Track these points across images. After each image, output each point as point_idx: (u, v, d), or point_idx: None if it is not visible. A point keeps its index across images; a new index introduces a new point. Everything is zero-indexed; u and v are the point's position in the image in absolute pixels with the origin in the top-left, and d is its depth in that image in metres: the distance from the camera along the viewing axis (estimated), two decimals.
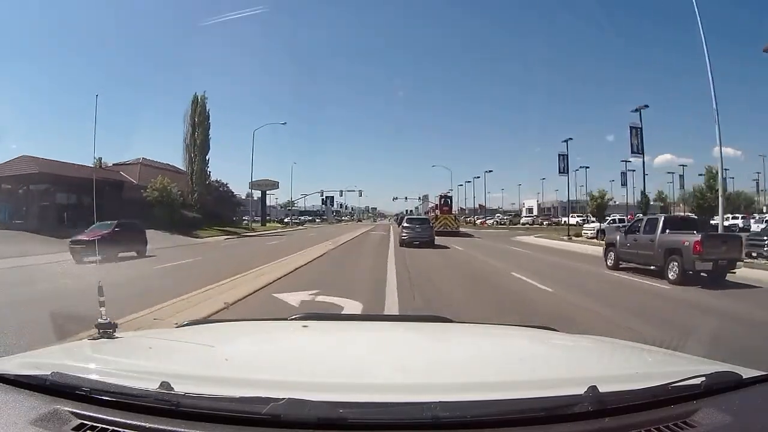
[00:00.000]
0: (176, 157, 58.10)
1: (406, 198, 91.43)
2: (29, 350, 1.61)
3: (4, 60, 57.38)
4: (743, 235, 14.42)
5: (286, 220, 76.66)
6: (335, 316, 3.09)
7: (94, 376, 1.18)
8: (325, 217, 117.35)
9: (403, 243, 21.71)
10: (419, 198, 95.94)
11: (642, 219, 13.95)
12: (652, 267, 11.69)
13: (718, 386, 1.18)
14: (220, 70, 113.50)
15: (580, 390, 1.06)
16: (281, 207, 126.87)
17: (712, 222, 18.44)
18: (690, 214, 32.94)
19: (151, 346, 1.67)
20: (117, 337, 1.63)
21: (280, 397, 1.00)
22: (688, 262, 10.24)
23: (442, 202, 42.04)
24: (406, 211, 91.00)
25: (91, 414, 1.03)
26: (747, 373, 1.29)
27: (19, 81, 71.82)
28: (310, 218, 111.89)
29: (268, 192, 63.17)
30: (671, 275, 10.58)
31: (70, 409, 1.04)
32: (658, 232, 11.71)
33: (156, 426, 0.99)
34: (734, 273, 10.66)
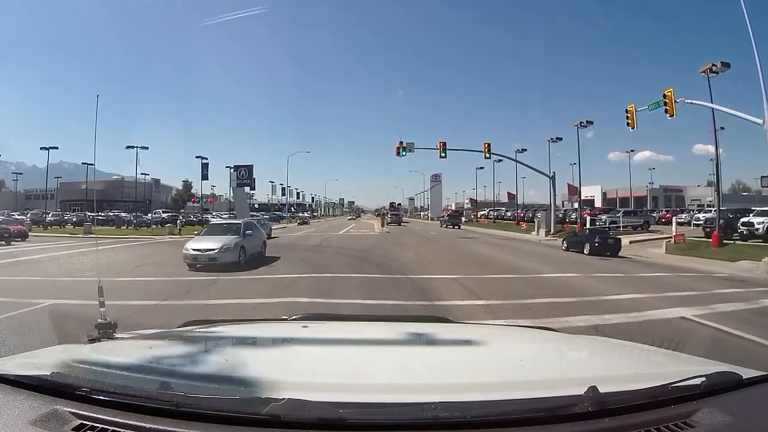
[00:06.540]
0: None
1: (444, 148, 32.59)
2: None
3: None
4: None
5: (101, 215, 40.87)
6: (335, 316, 3.10)
7: (93, 377, 1.18)
8: (232, 214, 46.42)
9: (387, 224, 51.34)
10: (432, 178, 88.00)
11: (450, 212, 64.59)
12: (448, 225, 49.08)
13: (718, 386, 1.18)
14: None
15: (580, 390, 1.06)
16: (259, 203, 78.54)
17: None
18: (460, 208, 75.55)
19: (150, 346, 1.67)
20: (117, 338, 1.62)
21: (280, 397, 1.00)
22: (448, 222, 50.72)
23: (389, 205, 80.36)
24: (390, 204, 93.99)
25: (91, 414, 1.03)
26: (747, 373, 1.29)
27: None
28: (173, 213, 48.23)
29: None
30: (447, 227, 48.07)
31: (70, 410, 1.04)
32: (445, 216, 61.71)
33: (156, 426, 0.99)
34: (459, 227, 47.71)
